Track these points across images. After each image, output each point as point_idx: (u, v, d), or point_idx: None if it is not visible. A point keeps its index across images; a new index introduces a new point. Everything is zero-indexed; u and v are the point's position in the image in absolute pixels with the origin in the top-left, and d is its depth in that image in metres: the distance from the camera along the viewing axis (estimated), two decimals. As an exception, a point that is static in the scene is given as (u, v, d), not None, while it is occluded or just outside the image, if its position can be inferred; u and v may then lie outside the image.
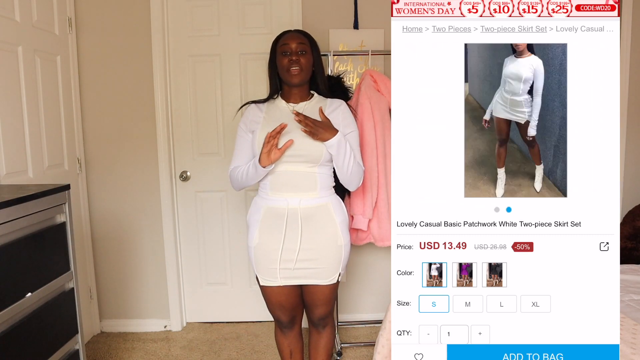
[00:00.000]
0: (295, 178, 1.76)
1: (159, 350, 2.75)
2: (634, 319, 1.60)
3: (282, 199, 1.77)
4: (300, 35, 1.83)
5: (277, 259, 1.78)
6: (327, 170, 1.81)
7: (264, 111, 1.85)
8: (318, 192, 1.78)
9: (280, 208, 1.77)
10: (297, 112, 1.69)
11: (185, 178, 2.93)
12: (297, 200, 1.76)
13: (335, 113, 1.82)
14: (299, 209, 1.76)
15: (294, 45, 1.79)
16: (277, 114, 1.83)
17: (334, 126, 1.73)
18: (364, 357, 2.63)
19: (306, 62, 1.80)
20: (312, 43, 1.85)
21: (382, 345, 1.99)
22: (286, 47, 1.79)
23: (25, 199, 1.60)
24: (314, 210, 1.78)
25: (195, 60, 2.86)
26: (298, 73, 1.77)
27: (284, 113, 1.83)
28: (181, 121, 2.90)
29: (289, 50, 1.79)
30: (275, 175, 1.78)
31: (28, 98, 2.28)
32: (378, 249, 2.92)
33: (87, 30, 2.78)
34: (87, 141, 2.86)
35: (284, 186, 1.77)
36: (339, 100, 1.89)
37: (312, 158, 1.74)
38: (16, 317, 1.57)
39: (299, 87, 1.83)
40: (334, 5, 2.82)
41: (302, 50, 1.80)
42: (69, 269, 1.87)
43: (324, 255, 1.80)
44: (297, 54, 1.79)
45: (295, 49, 1.79)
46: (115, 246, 2.94)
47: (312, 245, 1.78)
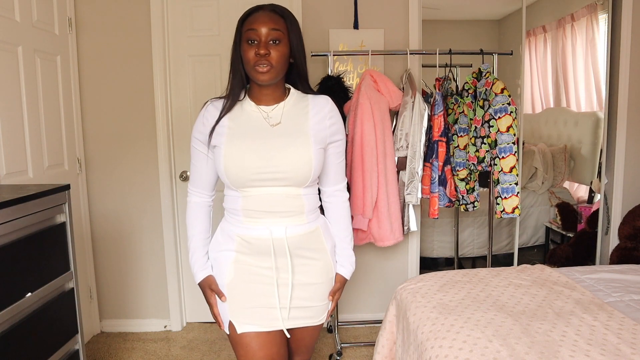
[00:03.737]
0: (277, 202, 1.37)
1: (159, 350, 2.75)
2: (634, 319, 1.60)
3: (262, 227, 1.38)
4: (273, 15, 1.34)
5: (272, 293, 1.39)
6: (314, 190, 1.45)
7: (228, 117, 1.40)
8: (305, 217, 1.41)
9: (262, 239, 1.38)
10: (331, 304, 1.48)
11: (185, 178, 2.93)
12: (282, 228, 1.38)
13: (320, 117, 1.41)
14: (286, 239, 1.38)
15: (263, 31, 1.31)
16: (243, 120, 1.39)
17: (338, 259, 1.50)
18: (364, 357, 2.63)
19: (279, 56, 1.32)
20: (289, 24, 1.36)
21: (382, 345, 1.99)
22: (253, 33, 1.31)
23: (25, 199, 1.60)
24: (303, 239, 1.41)
25: (195, 60, 2.86)
26: (267, 71, 1.32)
27: (254, 120, 1.39)
28: (181, 121, 2.90)
29: (257, 37, 1.31)
30: (250, 200, 1.38)
31: (28, 98, 2.28)
32: (378, 249, 2.92)
33: (87, 30, 2.78)
34: (87, 141, 2.86)
35: (263, 213, 1.38)
36: (324, 98, 1.46)
37: (297, 181, 1.36)
38: (16, 317, 1.57)
39: (270, 87, 1.40)
40: (334, 5, 2.81)
41: (275, 39, 1.32)
42: (69, 269, 1.87)
43: (316, 291, 1.45)
44: (266, 44, 1.31)
45: (265, 38, 1.31)
46: (115, 246, 2.94)
47: (305, 279, 1.43)
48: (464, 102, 2.69)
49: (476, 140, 2.59)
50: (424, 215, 3.01)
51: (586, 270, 2.12)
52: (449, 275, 2.05)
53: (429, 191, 2.64)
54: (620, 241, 2.88)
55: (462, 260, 3.67)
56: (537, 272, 2.07)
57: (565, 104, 3.64)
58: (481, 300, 1.78)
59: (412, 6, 2.81)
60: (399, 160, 2.57)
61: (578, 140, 3.55)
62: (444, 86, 2.85)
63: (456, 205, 2.90)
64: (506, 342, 1.45)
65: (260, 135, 1.37)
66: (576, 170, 3.62)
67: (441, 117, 2.56)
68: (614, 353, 1.38)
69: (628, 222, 2.82)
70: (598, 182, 3.20)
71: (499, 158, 2.46)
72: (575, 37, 3.45)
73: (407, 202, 2.61)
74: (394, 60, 2.85)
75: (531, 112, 3.89)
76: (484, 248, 3.50)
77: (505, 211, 2.48)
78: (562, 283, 1.94)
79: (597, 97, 3.33)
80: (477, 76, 2.66)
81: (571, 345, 1.42)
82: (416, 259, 3.03)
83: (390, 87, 2.52)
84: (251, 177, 1.35)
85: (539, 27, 3.65)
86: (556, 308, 1.70)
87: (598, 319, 1.60)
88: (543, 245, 3.74)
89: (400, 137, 2.53)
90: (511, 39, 3.38)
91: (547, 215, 3.69)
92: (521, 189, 3.16)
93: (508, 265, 2.67)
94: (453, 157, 2.76)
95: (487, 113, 2.49)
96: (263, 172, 1.34)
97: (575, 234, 3.40)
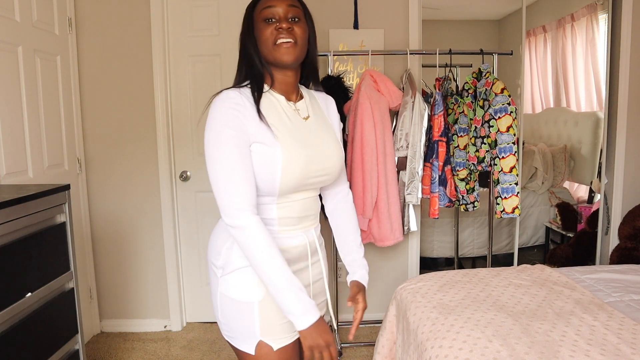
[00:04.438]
0: (309, 205, 1.28)
1: (159, 350, 2.75)
2: (634, 319, 1.60)
3: (299, 233, 1.27)
4: None
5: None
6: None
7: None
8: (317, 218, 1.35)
9: (301, 245, 1.27)
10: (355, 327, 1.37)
11: (185, 178, 2.93)
12: (313, 231, 1.31)
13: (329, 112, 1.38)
14: (316, 239, 1.32)
15: (283, 7, 1.18)
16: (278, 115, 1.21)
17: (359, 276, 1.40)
18: (364, 357, 2.63)
19: (302, 32, 1.19)
20: (305, 10, 1.25)
21: (382, 345, 1.99)
22: (271, 11, 1.18)
23: (25, 199, 1.60)
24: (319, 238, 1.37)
25: (195, 60, 2.86)
26: (292, 47, 1.17)
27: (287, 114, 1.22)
28: (181, 121, 2.90)
29: (276, 15, 1.18)
30: (287, 207, 1.23)
31: (28, 98, 2.28)
32: (378, 249, 2.92)
33: (87, 30, 2.78)
34: (87, 141, 2.86)
35: (298, 219, 1.26)
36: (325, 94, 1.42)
37: (330, 181, 1.29)
38: (16, 317, 1.57)
39: (292, 73, 1.24)
40: (334, 5, 2.81)
41: (295, 17, 1.19)
42: (69, 269, 1.87)
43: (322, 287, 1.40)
44: (287, 20, 1.18)
45: (285, 14, 1.18)
46: (115, 246, 2.94)
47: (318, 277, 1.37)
48: (464, 102, 2.69)
49: (476, 140, 2.59)
50: (424, 215, 3.01)
51: (586, 270, 2.12)
52: (449, 275, 2.05)
53: (429, 191, 2.64)
54: (620, 241, 2.88)
55: (462, 260, 3.67)
56: (537, 272, 2.07)
57: (565, 104, 3.64)
58: (481, 300, 1.78)
59: (412, 6, 2.81)
60: (399, 160, 2.57)
61: (578, 140, 3.55)
62: (444, 86, 2.85)
63: (456, 205, 2.90)
64: (506, 342, 1.45)
65: (301, 132, 1.22)
66: (576, 170, 3.62)
67: (441, 117, 2.56)
68: (614, 353, 1.38)
69: (628, 222, 2.82)
70: (598, 182, 3.20)
71: (499, 158, 2.46)
72: (575, 37, 3.45)
73: (407, 202, 2.61)
74: (394, 60, 2.85)
75: (531, 112, 3.89)
76: (484, 248, 3.50)
77: (505, 211, 2.48)
78: (562, 283, 1.94)
79: (597, 97, 3.33)
80: (477, 76, 2.66)
81: (571, 345, 1.42)
82: (416, 259, 3.03)
83: (390, 87, 2.52)
84: (304, 181, 1.20)
85: (539, 27, 3.65)
86: (556, 308, 1.70)
87: (598, 319, 1.60)
88: (543, 245, 3.74)
89: (400, 137, 2.53)
90: (511, 39, 3.38)
91: (547, 215, 3.69)
92: (521, 189, 3.16)
93: (508, 265, 2.67)
94: (453, 157, 2.76)
95: (487, 113, 2.49)
96: (314, 175, 1.22)
97: (575, 234, 3.40)
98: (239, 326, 1.23)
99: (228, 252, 1.23)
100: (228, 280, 1.23)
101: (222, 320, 1.27)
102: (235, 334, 1.25)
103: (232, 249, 1.23)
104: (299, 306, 1.11)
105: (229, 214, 1.14)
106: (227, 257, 1.23)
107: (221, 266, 1.24)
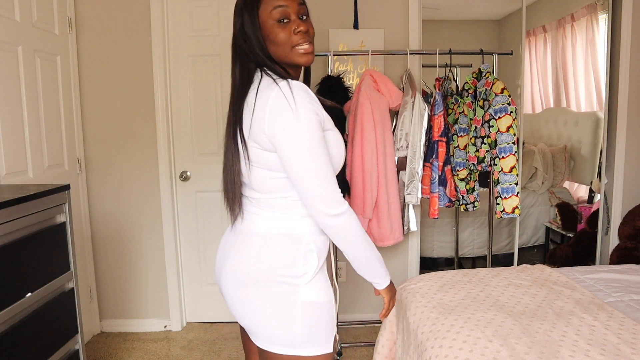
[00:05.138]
0: None
1: (159, 350, 2.75)
2: (634, 319, 1.60)
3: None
4: None
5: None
6: None
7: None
8: None
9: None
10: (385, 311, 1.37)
11: (185, 178, 2.93)
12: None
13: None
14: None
15: (294, 7, 1.15)
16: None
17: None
18: (364, 357, 2.63)
19: (313, 31, 1.19)
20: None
21: (382, 345, 1.99)
22: (283, 11, 1.14)
23: (25, 199, 1.60)
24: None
25: (195, 60, 2.86)
26: (312, 50, 1.18)
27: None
28: (181, 121, 2.90)
29: (289, 15, 1.15)
30: None
31: (28, 98, 2.28)
32: (378, 249, 2.92)
33: (87, 30, 2.78)
34: (87, 141, 2.86)
35: None
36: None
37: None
38: (16, 317, 1.57)
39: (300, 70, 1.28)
40: (334, 5, 2.81)
41: (304, 14, 1.18)
42: (69, 269, 1.87)
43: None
44: (299, 20, 1.16)
45: (297, 13, 1.15)
46: (115, 246, 2.94)
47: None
48: (464, 102, 2.69)
49: (476, 140, 2.59)
50: (424, 215, 3.01)
51: (586, 270, 2.11)
52: (449, 275, 2.05)
53: (429, 191, 2.64)
54: (620, 241, 2.88)
55: (462, 260, 3.67)
56: (537, 272, 2.07)
57: (565, 104, 3.64)
58: (481, 300, 1.78)
59: (412, 6, 2.81)
60: (399, 160, 2.57)
61: (578, 140, 3.55)
62: (444, 86, 2.85)
63: (456, 205, 2.90)
64: (506, 342, 1.45)
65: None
66: (576, 170, 3.62)
67: (441, 117, 2.56)
68: (614, 353, 1.38)
69: (628, 222, 2.82)
70: (598, 182, 3.20)
71: (499, 158, 2.46)
72: (575, 37, 3.45)
73: (407, 202, 2.61)
74: (394, 60, 2.85)
75: (531, 112, 3.89)
76: (484, 248, 3.50)
77: (505, 211, 2.48)
78: (562, 283, 1.94)
79: (597, 97, 3.33)
80: (477, 76, 2.66)
81: (571, 345, 1.42)
82: (416, 259, 3.03)
83: (390, 87, 2.52)
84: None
85: (539, 27, 3.65)
86: (556, 308, 1.70)
87: (598, 319, 1.60)
88: (543, 245, 3.74)
89: (400, 137, 2.53)
90: (511, 39, 3.38)
91: (547, 215, 3.69)
92: (521, 189, 3.16)
93: (508, 265, 2.67)
94: (453, 157, 2.76)
95: (487, 113, 2.49)
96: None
97: (575, 234, 3.40)
98: (322, 328, 1.20)
99: (306, 258, 1.19)
100: (312, 286, 1.19)
101: (301, 331, 1.18)
102: (317, 339, 1.20)
103: (312, 253, 1.20)
104: (383, 270, 1.29)
105: (333, 205, 1.12)
106: (305, 263, 1.19)
107: (301, 274, 1.18)
